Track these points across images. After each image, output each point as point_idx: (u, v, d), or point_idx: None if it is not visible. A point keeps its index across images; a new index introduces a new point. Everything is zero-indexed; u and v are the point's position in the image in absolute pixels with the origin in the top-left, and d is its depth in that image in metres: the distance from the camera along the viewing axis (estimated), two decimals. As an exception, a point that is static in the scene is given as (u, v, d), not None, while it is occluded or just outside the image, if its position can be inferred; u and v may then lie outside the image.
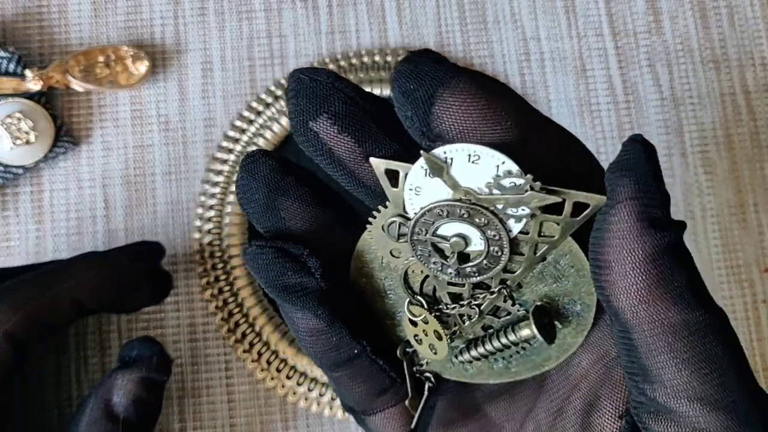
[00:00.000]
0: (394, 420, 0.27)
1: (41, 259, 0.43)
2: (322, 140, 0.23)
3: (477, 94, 0.21)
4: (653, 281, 0.21)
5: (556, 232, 0.23)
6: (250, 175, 0.25)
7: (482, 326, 0.26)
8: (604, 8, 0.47)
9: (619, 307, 0.21)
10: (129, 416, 0.35)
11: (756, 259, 0.45)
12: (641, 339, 0.22)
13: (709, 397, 0.21)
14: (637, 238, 0.21)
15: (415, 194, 0.23)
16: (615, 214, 0.21)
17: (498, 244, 0.23)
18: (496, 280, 0.25)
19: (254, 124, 0.44)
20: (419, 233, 0.24)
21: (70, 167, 0.44)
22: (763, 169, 0.45)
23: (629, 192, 0.21)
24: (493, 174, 0.22)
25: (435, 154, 0.22)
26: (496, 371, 0.26)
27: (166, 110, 0.45)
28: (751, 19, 0.47)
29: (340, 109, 0.23)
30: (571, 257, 0.24)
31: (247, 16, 0.46)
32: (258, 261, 0.25)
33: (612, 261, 0.21)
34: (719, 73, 0.46)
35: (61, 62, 0.43)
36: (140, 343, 0.37)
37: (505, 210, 0.23)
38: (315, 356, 0.26)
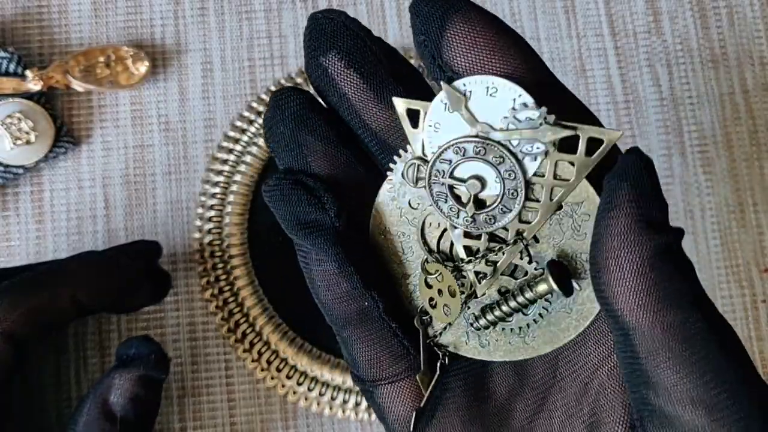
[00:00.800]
0: (403, 394, 0.26)
1: (41, 258, 0.43)
2: (330, 75, 0.24)
3: (487, 25, 0.22)
4: (652, 283, 0.21)
5: (571, 174, 0.23)
6: (279, 109, 0.25)
7: (499, 290, 0.25)
8: (603, 8, 0.47)
9: (619, 309, 0.21)
10: (127, 415, 0.35)
11: (755, 259, 0.45)
12: (641, 341, 0.21)
13: (709, 400, 0.21)
14: (635, 240, 0.21)
15: (434, 131, 0.24)
16: (614, 217, 0.21)
17: (513, 184, 0.23)
18: (512, 231, 0.24)
19: (254, 124, 0.44)
20: (436, 175, 0.24)
21: (70, 167, 0.44)
22: (762, 169, 0.46)
23: (628, 196, 0.21)
24: (509, 107, 0.22)
25: (455, 86, 0.23)
26: (514, 346, 0.25)
27: (167, 110, 0.45)
28: (750, 19, 0.47)
29: (349, 46, 0.24)
30: (588, 204, 0.23)
31: (247, 16, 0.46)
32: (275, 193, 0.25)
33: (611, 263, 0.21)
34: (718, 73, 0.46)
35: (62, 62, 0.43)
36: (138, 342, 0.37)
37: (522, 147, 0.23)
38: (327, 306, 0.26)
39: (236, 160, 0.44)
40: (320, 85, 0.25)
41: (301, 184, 0.25)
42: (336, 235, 0.25)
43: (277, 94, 0.25)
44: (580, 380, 0.25)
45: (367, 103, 0.24)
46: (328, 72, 0.24)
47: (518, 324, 0.25)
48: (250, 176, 0.44)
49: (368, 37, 0.24)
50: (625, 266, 0.21)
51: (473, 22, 0.22)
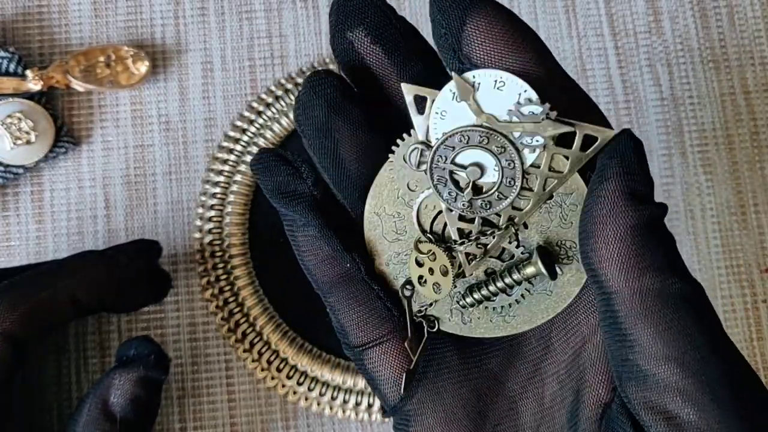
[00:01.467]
0: (391, 356, 0.27)
1: (42, 259, 0.43)
2: (356, 49, 0.25)
3: (506, 22, 0.24)
4: (634, 250, 0.23)
5: (565, 167, 0.25)
6: (313, 92, 0.26)
7: (485, 271, 0.27)
8: (604, 8, 0.47)
9: (602, 274, 0.23)
10: (127, 416, 0.35)
11: (756, 259, 0.45)
12: (621, 303, 0.23)
13: (680, 357, 0.23)
14: (622, 210, 0.23)
15: (440, 118, 0.25)
16: (603, 189, 0.23)
17: (511, 173, 0.25)
18: (505, 217, 0.26)
19: (255, 124, 0.44)
20: (439, 160, 0.25)
21: (70, 167, 0.44)
22: (763, 169, 0.45)
23: (617, 170, 0.23)
24: (514, 101, 0.24)
25: (465, 77, 0.24)
26: (494, 324, 0.27)
27: (167, 110, 0.45)
28: (751, 19, 0.47)
29: (375, 22, 0.25)
30: (576, 196, 0.25)
31: (248, 16, 0.46)
32: (259, 166, 0.27)
33: (598, 230, 0.23)
34: (719, 73, 0.46)
35: (62, 62, 0.43)
36: (138, 342, 0.37)
37: (522, 139, 0.24)
38: (311, 271, 0.27)
39: (237, 160, 0.44)
40: (345, 58, 0.26)
41: (281, 157, 0.27)
42: (314, 202, 0.26)
43: (312, 77, 0.26)
44: (571, 349, 0.27)
45: (390, 79, 0.26)
46: (355, 47, 0.25)
47: (500, 303, 0.27)
48: (251, 176, 0.44)
49: (393, 14, 0.25)
50: (610, 233, 0.23)
51: (492, 18, 0.23)
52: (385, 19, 0.25)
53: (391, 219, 0.27)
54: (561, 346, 0.27)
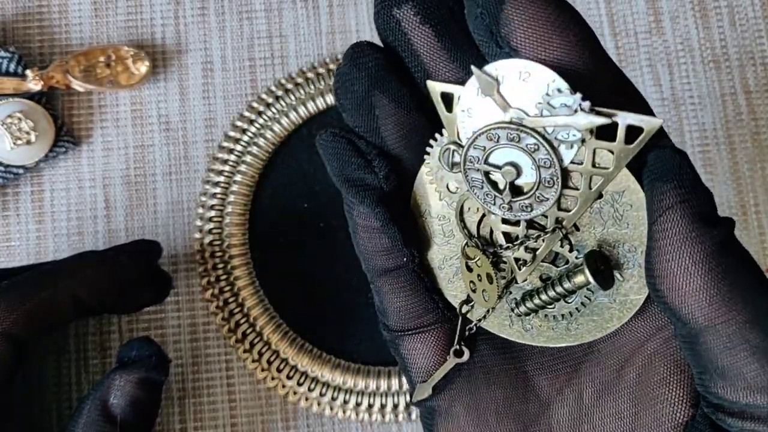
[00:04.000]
0: (428, 346, 0.27)
1: (42, 259, 0.43)
2: (403, 29, 0.23)
3: (550, 1, 0.21)
4: (718, 279, 0.21)
5: (611, 162, 0.22)
6: (354, 65, 0.24)
7: (540, 276, 0.25)
8: (604, 8, 0.47)
9: (689, 311, 0.21)
10: (127, 417, 0.35)
11: (757, 260, 0.45)
12: (715, 339, 0.21)
13: None
14: (696, 238, 0.20)
15: (467, 116, 0.23)
16: (667, 221, 0.21)
17: (549, 172, 0.23)
18: (551, 219, 0.24)
19: (255, 124, 0.44)
20: (472, 161, 0.23)
21: (70, 167, 0.44)
22: (764, 170, 0.45)
23: (675, 197, 0.21)
24: (543, 92, 0.21)
25: (486, 70, 0.22)
26: (557, 333, 0.25)
27: (167, 110, 0.45)
28: (751, 18, 0.47)
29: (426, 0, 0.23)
30: (629, 194, 0.23)
31: (248, 16, 0.46)
32: (329, 148, 0.25)
33: (674, 267, 0.21)
34: (720, 73, 0.46)
35: (62, 62, 0.43)
36: (138, 344, 0.37)
37: (556, 135, 0.22)
38: (365, 256, 0.26)
39: (237, 160, 0.44)
40: (390, 37, 0.23)
41: (355, 146, 0.25)
42: (383, 196, 0.25)
43: (354, 49, 0.24)
44: (621, 353, 0.25)
45: (438, 63, 0.23)
46: (402, 25, 0.23)
47: (560, 311, 0.25)
48: (251, 176, 0.44)
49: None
50: (690, 267, 0.21)
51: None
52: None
53: (438, 221, 0.26)
54: (607, 350, 0.25)
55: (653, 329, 0.25)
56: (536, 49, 0.21)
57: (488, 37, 0.22)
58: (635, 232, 0.23)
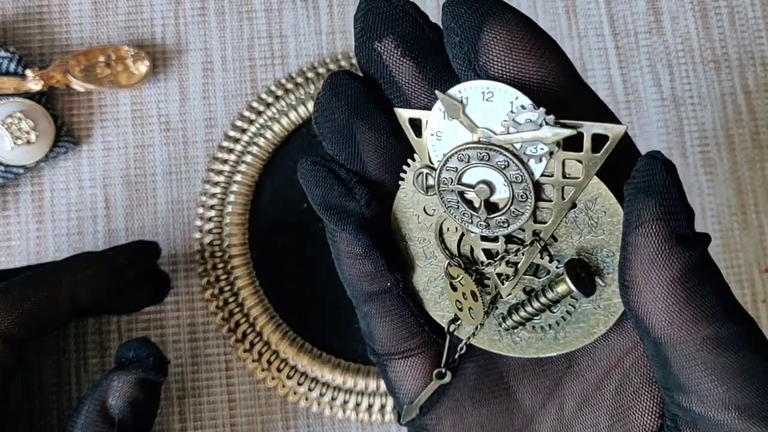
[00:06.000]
0: (415, 370, 0.27)
1: (42, 259, 0.43)
2: (384, 62, 0.23)
3: (525, 29, 0.22)
4: (684, 300, 0.21)
5: (580, 172, 0.23)
6: (334, 95, 0.24)
7: (524, 289, 0.25)
8: (604, 8, 0.47)
9: (651, 325, 0.21)
10: (125, 418, 0.35)
11: (756, 259, 0.45)
12: (674, 356, 0.21)
13: (745, 406, 0.21)
14: (666, 259, 0.21)
15: (437, 140, 0.23)
16: (641, 235, 0.21)
17: (522, 187, 0.23)
18: (529, 232, 0.24)
19: (255, 124, 0.44)
20: (445, 183, 0.24)
21: (70, 167, 0.44)
22: (764, 170, 0.45)
23: (655, 213, 0.21)
24: (507, 110, 0.22)
25: (450, 93, 0.22)
26: (546, 343, 0.26)
27: (167, 110, 0.45)
28: (751, 19, 0.47)
29: (407, 32, 0.23)
30: (601, 201, 0.23)
31: (248, 16, 0.46)
32: (309, 177, 0.25)
33: (641, 282, 0.21)
34: (720, 73, 0.46)
35: (62, 62, 0.43)
36: (137, 344, 0.37)
37: (524, 150, 0.22)
38: (350, 282, 0.26)
39: (237, 160, 0.44)
40: (371, 69, 0.24)
41: (335, 174, 0.25)
42: (364, 223, 0.25)
43: (334, 78, 0.24)
44: (599, 368, 0.25)
45: (419, 93, 0.24)
46: (383, 58, 0.23)
47: (547, 322, 0.25)
48: (251, 176, 0.44)
49: (426, 23, 0.23)
50: (656, 285, 0.21)
51: (510, 26, 0.21)
52: (417, 29, 0.23)
53: (419, 244, 0.26)
54: (586, 365, 0.26)
55: (631, 344, 0.25)
56: (514, 77, 0.22)
57: (467, 66, 0.22)
58: (611, 237, 0.23)
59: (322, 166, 0.25)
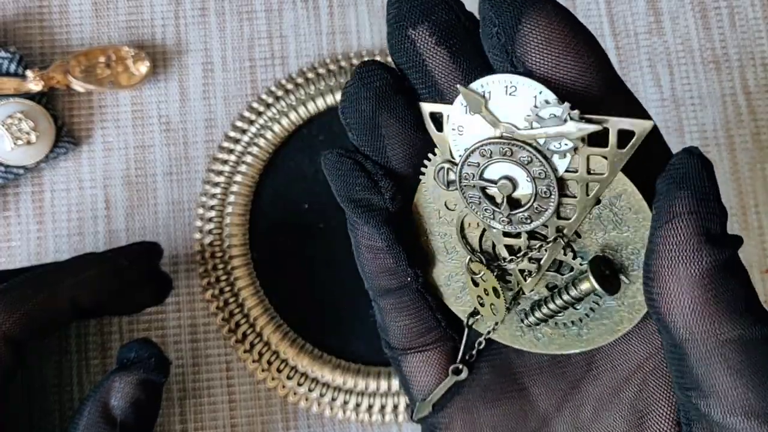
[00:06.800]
0: (429, 365, 0.27)
1: (42, 259, 0.43)
2: (418, 50, 0.23)
3: (564, 21, 0.21)
4: (709, 297, 0.21)
5: (606, 168, 0.22)
6: (363, 84, 0.23)
7: (546, 286, 0.25)
8: (604, 8, 0.47)
9: (672, 321, 0.21)
10: (127, 419, 0.35)
11: (757, 260, 0.45)
12: (695, 352, 0.21)
13: (762, 410, 0.21)
14: (695, 254, 0.20)
15: (458, 134, 0.23)
16: (673, 228, 0.20)
17: (545, 183, 0.23)
18: (552, 228, 0.24)
19: (255, 125, 0.44)
20: (467, 178, 0.24)
21: (71, 167, 0.44)
22: (764, 170, 0.45)
23: (688, 206, 0.20)
24: (531, 105, 0.21)
25: (472, 87, 0.22)
26: (569, 339, 0.25)
27: (167, 111, 0.45)
28: (752, 19, 0.47)
29: (442, 20, 0.22)
30: (627, 197, 0.23)
31: (248, 16, 0.46)
32: (334, 169, 0.25)
33: (667, 275, 0.21)
34: (720, 74, 0.46)
35: (62, 62, 0.43)
36: (138, 345, 0.37)
37: (548, 145, 0.22)
38: (369, 276, 0.26)
39: (237, 160, 0.44)
40: (403, 57, 0.23)
41: (360, 165, 0.24)
42: (388, 217, 0.25)
43: (362, 68, 0.23)
44: (618, 373, 0.25)
45: (452, 84, 0.23)
46: (417, 46, 0.23)
47: (570, 318, 0.25)
48: (251, 176, 0.44)
49: (462, 11, 0.23)
50: (683, 280, 0.21)
51: (550, 17, 0.21)
52: (453, 17, 0.22)
53: (440, 239, 0.26)
54: (606, 369, 0.25)
55: (652, 350, 0.25)
56: (551, 71, 0.21)
57: (503, 57, 0.22)
58: (636, 235, 0.23)
59: (348, 158, 0.24)
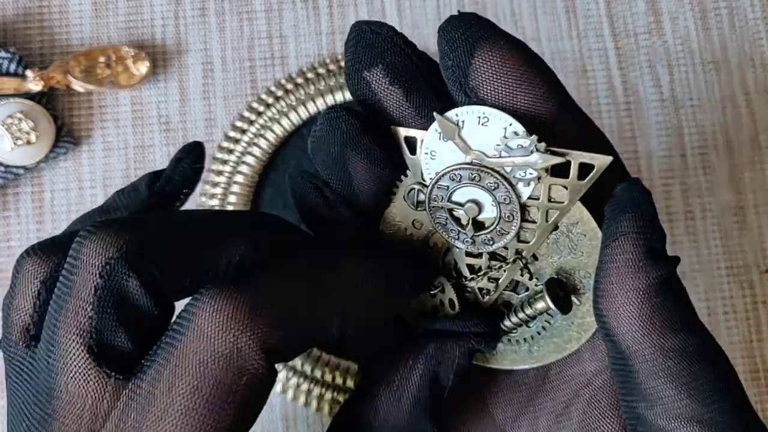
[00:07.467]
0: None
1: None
2: (373, 90, 0.24)
3: (517, 56, 0.22)
4: (655, 309, 0.22)
5: (565, 197, 0.24)
6: (330, 128, 0.25)
7: (502, 304, 0.27)
8: (604, 9, 0.47)
9: (620, 333, 0.22)
10: None
11: (756, 260, 0.45)
12: (642, 363, 0.22)
13: (703, 417, 0.22)
14: (641, 269, 0.22)
15: (431, 158, 0.25)
16: (620, 245, 0.22)
17: (509, 208, 0.24)
18: (512, 251, 0.25)
19: (255, 125, 0.44)
20: (436, 200, 0.25)
21: (70, 167, 0.44)
22: (764, 170, 0.46)
23: (633, 226, 0.22)
24: (501, 135, 0.23)
25: (447, 116, 0.23)
26: (520, 356, 0.27)
27: (167, 110, 0.45)
28: (751, 20, 0.47)
29: (394, 61, 0.24)
30: (582, 225, 0.24)
31: (248, 16, 0.46)
32: (298, 190, 0.26)
33: (615, 288, 0.22)
34: (719, 75, 0.46)
35: (62, 62, 0.43)
36: None
37: (514, 173, 0.24)
38: None
39: (237, 160, 0.44)
40: (362, 97, 0.25)
41: (321, 191, 0.26)
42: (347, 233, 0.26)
43: (330, 113, 0.25)
44: (570, 388, 0.26)
45: (407, 119, 0.25)
46: (372, 87, 0.24)
47: (522, 335, 0.26)
48: (251, 177, 0.44)
49: (414, 52, 0.24)
50: (630, 292, 0.22)
51: (502, 51, 0.22)
52: (405, 59, 0.24)
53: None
54: (559, 383, 0.26)
55: (601, 366, 0.26)
56: (503, 101, 0.23)
57: (458, 88, 0.23)
58: (589, 260, 0.25)
59: (311, 183, 0.26)
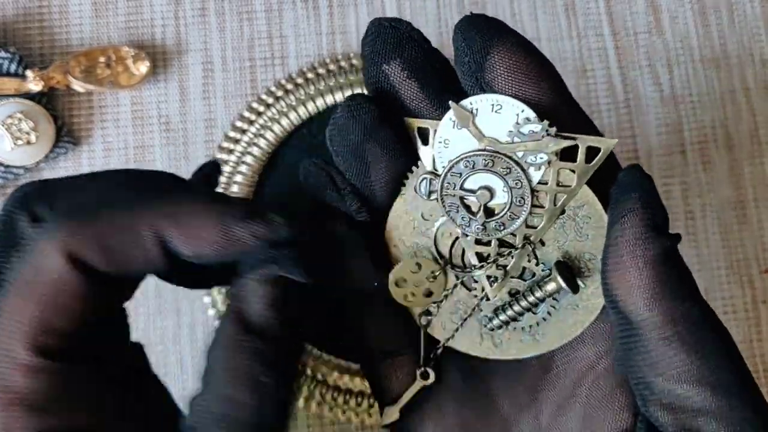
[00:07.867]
0: (401, 368, 0.28)
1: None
2: (391, 82, 0.26)
3: (527, 53, 0.25)
4: (663, 278, 0.23)
5: (573, 180, 0.25)
6: (351, 116, 0.25)
7: (509, 291, 0.27)
8: (604, 8, 0.47)
9: (632, 302, 0.24)
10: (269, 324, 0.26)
11: (756, 258, 0.45)
12: (653, 331, 0.24)
13: (711, 379, 0.24)
14: (649, 240, 0.23)
15: (444, 147, 0.26)
16: (628, 221, 0.24)
17: (520, 192, 0.26)
18: (520, 236, 0.26)
19: (255, 125, 0.44)
20: (448, 188, 0.26)
21: (70, 167, 0.44)
22: (763, 165, 0.45)
23: (638, 203, 0.24)
24: (513, 122, 0.25)
25: (462, 104, 0.25)
26: (525, 344, 0.27)
27: (167, 111, 0.45)
28: (750, 17, 0.47)
29: (412, 56, 0.26)
30: (588, 207, 0.26)
31: (248, 16, 0.46)
32: (310, 177, 0.27)
33: (627, 260, 0.24)
34: (719, 72, 0.46)
35: (62, 63, 0.43)
36: None
37: (525, 158, 0.25)
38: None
39: (237, 160, 0.44)
40: (379, 90, 0.26)
41: (332, 179, 0.27)
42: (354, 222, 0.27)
43: (351, 101, 0.26)
44: (574, 374, 0.27)
45: (422, 111, 0.26)
46: (390, 80, 0.26)
47: (528, 323, 0.27)
48: (251, 176, 0.44)
49: (428, 47, 0.26)
50: (640, 263, 0.23)
51: (514, 49, 0.25)
52: (421, 53, 0.26)
53: (410, 251, 0.28)
54: (562, 371, 0.27)
55: (604, 350, 0.27)
56: (515, 93, 0.25)
57: (473, 82, 0.25)
58: (594, 243, 0.26)
59: (323, 170, 0.27)
